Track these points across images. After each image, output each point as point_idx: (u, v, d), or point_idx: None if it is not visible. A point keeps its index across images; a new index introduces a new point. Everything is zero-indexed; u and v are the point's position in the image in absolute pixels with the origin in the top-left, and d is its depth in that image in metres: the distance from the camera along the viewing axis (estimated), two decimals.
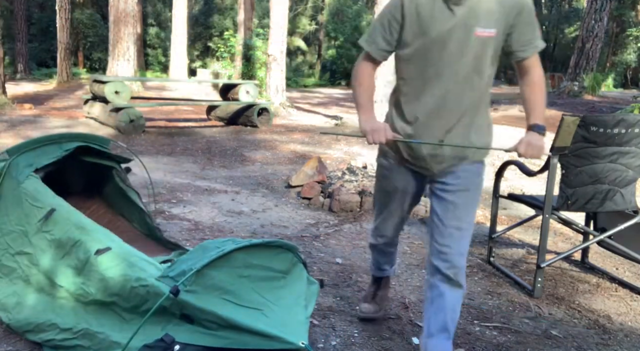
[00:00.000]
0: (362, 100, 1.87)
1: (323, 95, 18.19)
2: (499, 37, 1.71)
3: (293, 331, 1.72)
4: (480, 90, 1.76)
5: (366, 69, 1.89)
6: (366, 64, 1.88)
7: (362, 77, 1.89)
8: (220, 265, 1.72)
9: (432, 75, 1.74)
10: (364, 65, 1.89)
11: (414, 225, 3.88)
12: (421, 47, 1.73)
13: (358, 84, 1.89)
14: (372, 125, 1.78)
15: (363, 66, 1.89)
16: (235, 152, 6.72)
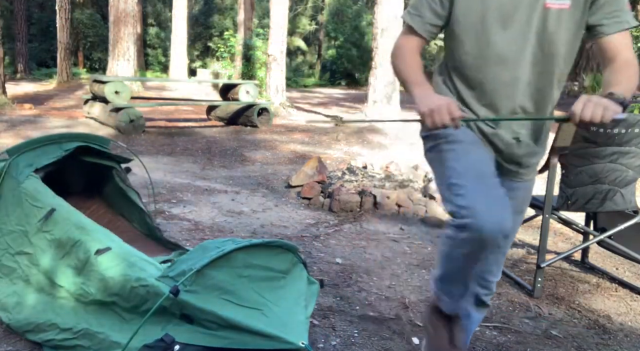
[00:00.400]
0: (411, 75, 1.48)
1: (323, 95, 18.18)
2: (576, 11, 1.39)
3: (293, 331, 1.72)
4: (552, 78, 1.45)
5: (409, 44, 1.53)
6: (409, 39, 1.54)
7: (404, 54, 1.52)
8: (220, 265, 1.72)
9: (493, 57, 1.42)
10: (406, 41, 1.54)
11: (414, 225, 3.88)
12: (478, 21, 1.41)
13: (401, 62, 1.52)
14: (432, 102, 1.32)
15: (404, 41, 1.54)
16: (235, 152, 6.72)
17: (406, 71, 1.50)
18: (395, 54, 1.55)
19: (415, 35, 1.52)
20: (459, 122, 1.31)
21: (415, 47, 1.53)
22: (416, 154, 6.34)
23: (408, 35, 1.54)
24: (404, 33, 1.56)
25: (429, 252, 3.33)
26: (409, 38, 1.54)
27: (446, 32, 1.53)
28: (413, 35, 1.53)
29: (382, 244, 3.41)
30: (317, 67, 29.09)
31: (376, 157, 5.79)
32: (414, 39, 1.53)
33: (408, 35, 1.54)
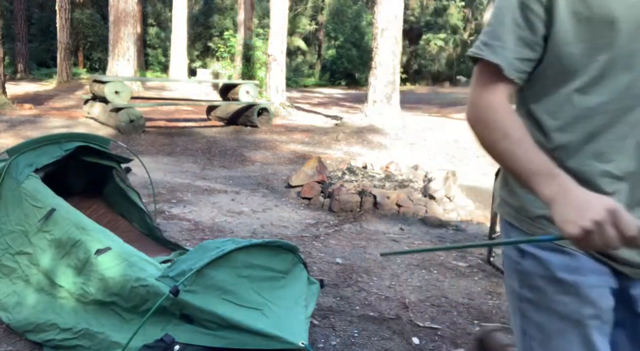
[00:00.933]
0: (528, 159, 0.86)
1: (323, 95, 18.19)
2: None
3: (293, 331, 1.72)
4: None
5: (499, 101, 0.92)
6: (495, 90, 0.93)
7: (501, 119, 0.91)
8: (220, 265, 1.72)
9: (627, 92, 0.86)
10: (492, 95, 0.94)
11: (414, 225, 3.88)
12: (598, 43, 0.86)
13: (498, 135, 0.90)
14: (588, 210, 0.76)
15: (490, 97, 0.94)
16: (235, 152, 6.72)
17: (515, 152, 0.87)
18: (481, 120, 0.94)
19: (502, 80, 0.92)
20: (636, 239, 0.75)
21: (509, 103, 0.93)
22: (416, 154, 6.35)
23: (490, 83, 0.94)
24: (483, 81, 0.96)
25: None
26: (494, 88, 0.93)
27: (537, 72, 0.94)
28: (499, 81, 0.93)
29: (382, 244, 3.41)
30: (317, 67, 29.10)
31: (376, 157, 5.80)
32: (501, 89, 0.93)
33: (491, 84, 0.94)
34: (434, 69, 29.33)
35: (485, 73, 0.95)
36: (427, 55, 28.95)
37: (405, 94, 12.52)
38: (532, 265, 0.93)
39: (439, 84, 26.83)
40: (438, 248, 1.22)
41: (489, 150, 0.93)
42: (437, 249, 0.97)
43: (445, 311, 2.45)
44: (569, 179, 0.82)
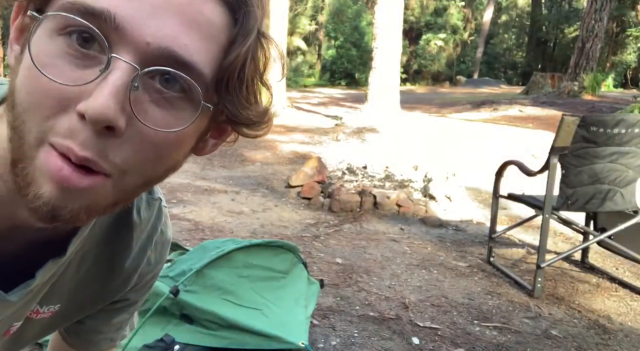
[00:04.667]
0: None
1: (323, 95, 18.19)
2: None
3: (293, 331, 1.72)
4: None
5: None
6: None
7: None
8: (220, 265, 1.72)
9: None
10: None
11: (414, 225, 3.88)
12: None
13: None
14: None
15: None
16: (235, 152, 6.72)
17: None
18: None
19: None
20: None
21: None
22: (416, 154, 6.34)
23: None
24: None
25: (429, 251, 3.33)
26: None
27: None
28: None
29: (382, 244, 3.41)
30: (317, 67, 29.09)
31: (376, 157, 5.79)
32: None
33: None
34: (434, 69, 29.32)
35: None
36: (427, 55, 28.94)
37: (405, 94, 12.52)
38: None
39: (439, 84, 26.83)
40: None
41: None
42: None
43: (445, 311, 2.45)
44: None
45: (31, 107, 0.40)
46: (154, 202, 0.65)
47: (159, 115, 0.41)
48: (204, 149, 0.50)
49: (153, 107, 0.41)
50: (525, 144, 6.96)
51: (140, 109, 0.40)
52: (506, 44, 33.67)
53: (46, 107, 0.39)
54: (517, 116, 10.42)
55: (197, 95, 0.42)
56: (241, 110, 0.45)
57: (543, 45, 31.25)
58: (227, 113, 0.45)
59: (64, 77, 0.39)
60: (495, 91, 19.55)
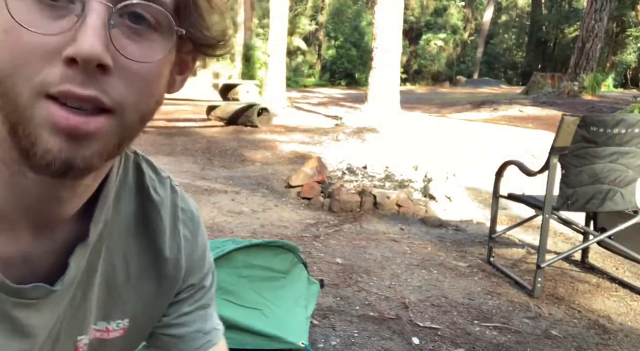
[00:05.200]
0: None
1: (323, 95, 18.19)
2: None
3: (293, 331, 1.72)
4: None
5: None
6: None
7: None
8: (220, 265, 1.72)
9: None
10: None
11: (414, 225, 3.88)
12: None
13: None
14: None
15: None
16: (235, 152, 6.72)
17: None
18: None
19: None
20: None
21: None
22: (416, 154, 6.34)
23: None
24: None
25: (429, 251, 3.33)
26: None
27: None
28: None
29: (382, 244, 3.41)
30: (317, 67, 29.10)
31: (376, 157, 5.79)
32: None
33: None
34: (434, 69, 29.33)
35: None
36: (427, 55, 28.94)
37: (405, 94, 12.52)
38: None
39: (439, 83, 26.83)
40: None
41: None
42: None
43: (445, 311, 2.45)
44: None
45: (17, 68, 0.41)
46: (164, 180, 0.67)
47: (137, 49, 0.44)
48: (174, 85, 0.54)
49: (130, 42, 0.44)
50: (525, 144, 6.96)
51: (120, 45, 0.42)
52: (506, 44, 33.67)
53: (32, 62, 0.41)
54: (517, 116, 10.42)
55: (167, 23, 0.45)
56: (203, 31, 0.49)
57: (543, 45, 31.25)
58: (192, 36, 0.48)
59: (44, 29, 0.41)
60: (495, 91, 19.55)
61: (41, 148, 0.42)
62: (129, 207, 0.62)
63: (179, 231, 0.66)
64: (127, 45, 0.43)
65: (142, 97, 0.46)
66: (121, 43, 0.43)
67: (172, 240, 0.65)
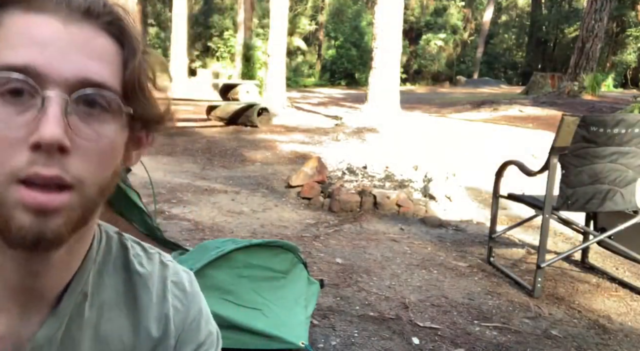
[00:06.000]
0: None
1: (323, 95, 18.19)
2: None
3: (293, 331, 1.72)
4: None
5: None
6: None
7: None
8: (220, 265, 1.72)
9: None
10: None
11: (414, 225, 3.88)
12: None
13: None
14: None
15: None
16: (235, 152, 6.72)
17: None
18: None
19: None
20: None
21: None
22: (416, 154, 6.34)
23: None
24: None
25: (429, 251, 3.33)
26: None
27: None
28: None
29: (382, 244, 3.41)
30: (317, 67, 29.09)
31: (376, 157, 5.79)
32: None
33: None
34: (434, 69, 29.33)
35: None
36: (427, 55, 28.94)
37: (405, 94, 12.52)
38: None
39: (439, 83, 26.83)
40: None
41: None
42: None
43: (445, 311, 2.45)
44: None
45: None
46: (153, 255, 0.71)
47: (91, 130, 0.50)
48: (130, 160, 0.60)
49: (84, 125, 0.50)
50: (525, 144, 6.96)
51: (76, 129, 0.49)
52: (506, 44, 33.67)
53: (3, 152, 0.47)
54: (517, 116, 10.42)
55: (116, 106, 0.52)
56: (149, 110, 0.56)
57: (543, 45, 31.25)
58: (140, 115, 0.55)
59: (11, 123, 0.47)
60: (495, 91, 19.55)
61: (15, 225, 0.48)
62: (113, 281, 0.64)
63: (167, 301, 0.68)
64: (82, 128, 0.49)
65: (98, 172, 0.52)
66: (77, 127, 0.49)
67: (159, 309, 0.67)
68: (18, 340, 0.56)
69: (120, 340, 0.64)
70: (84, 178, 0.50)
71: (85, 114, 0.50)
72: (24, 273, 0.54)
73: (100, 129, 0.51)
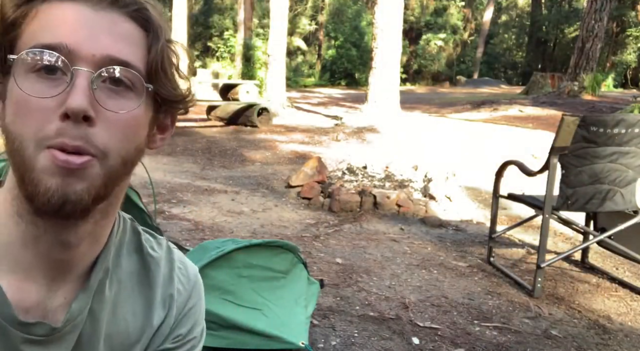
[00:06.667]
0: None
1: (323, 95, 18.19)
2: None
3: (293, 331, 1.72)
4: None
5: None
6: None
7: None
8: (220, 265, 1.72)
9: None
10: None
11: (414, 225, 3.88)
12: None
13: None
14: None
15: None
16: (235, 152, 6.72)
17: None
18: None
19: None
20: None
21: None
22: (416, 154, 6.34)
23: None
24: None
25: (429, 251, 3.33)
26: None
27: None
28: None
29: (382, 244, 3.41)
30: (317, 67, 29.08)
31: (376, 157, 5.80)
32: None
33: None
34: (434, 69, 29.33)
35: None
36: (427, 55, 28.94)
37: (405, 94, 12.52)
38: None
39: (439, 83, 26.83)
40: None
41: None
42: None
43: (445, 311, 2.45)
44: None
45: (24, 127, 0.53)
46: (161, 240, 0.77)
47: (115, 103, 0.55)
48: (154, 142, 0.65)
49: (110, 99, 0.55)
50: (525, 144, 6.96)
51: (101, 101, 0.54)
52: (506, 44, 33.66)
53: (36, 121, 0.53)
54: (517, 116, 10.42)
55: (139, 83, 0.56)
56: (171, 90, 0.61)
57: (543, 45, 31.25)
58: (162, 95, 0.60)
59: (44, 95, 0.53)
60: (495, 91, 19.55)
61: (43, 188, 0.52)
62: (129, 262, 0.70)
63: (174, 282, 0.73)
64: (107, 101, 0.54)
65: (122, 144, 0.56)
66: (102, 100, 0.54)
67: (166, 289, 0.72)
68: (44, 311, 0.60)
69: (134, 316, 0.69)
70: (107, 149, 0.54)
71: (111, 90, 0.55)
72: (56, 244, 0.58)
73: (124, 104, 0.55)
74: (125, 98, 0.56)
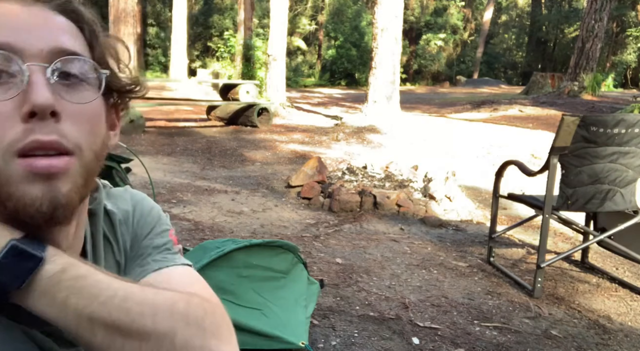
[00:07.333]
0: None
1: (323, 95, 18.19)
2: None
3: (293, 331, 1.72)
4: None
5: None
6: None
7: None
8: (220, 265, 1.72)
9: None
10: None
11: (414, 225, 3.88)
12: None
13: None
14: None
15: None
16: (235, 152, 6.72)
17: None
18: None
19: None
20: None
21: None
22: (416, 154, 6.35)
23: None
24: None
25: (429, 251, 3.33)
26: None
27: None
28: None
29: (382, 244, 3.41)
30: (317, 67, 29.09)
31: (376, 157, 5.80)
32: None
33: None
34: (434, 69, 29.34)
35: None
36: (427, 55, 28.94)
37: (405, 94, 12.52)
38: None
39: (439, 84, 26.84)
40: None
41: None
42: None
43: (445, 311, 2.45)
44: None
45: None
46: (117, 196, 0.77)
47: (74, 95, 0.53)
48: (110, 139, 0.63)
49: (68, 91, 0.53)
50: (525, 144, 6.96)
51: (61, 94, 0.52)
52: (506, 44, 33.67)
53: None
54: (517, 116, 10.42)
55: (92, 73, 0.55)
56: (119, 80, 0.61)
57: (543, 45, 31.26)
58: (113, 85, 0.60)
59: (1, 98, 0.50)
60: (495, 91, 19.55)
61: (28, 199, 0.49)
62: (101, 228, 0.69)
63: (115, 214, 0.72)
64: (66, 94, 0.52)
65: (92, 138, 0.54)
66: (61, 93, 0.52)
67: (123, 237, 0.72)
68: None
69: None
70: (80, 143, 0.53)
71: (64, 85, 0.53)
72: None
73: (82, 95, 0.54)
74: (80, 91, 0.54)
